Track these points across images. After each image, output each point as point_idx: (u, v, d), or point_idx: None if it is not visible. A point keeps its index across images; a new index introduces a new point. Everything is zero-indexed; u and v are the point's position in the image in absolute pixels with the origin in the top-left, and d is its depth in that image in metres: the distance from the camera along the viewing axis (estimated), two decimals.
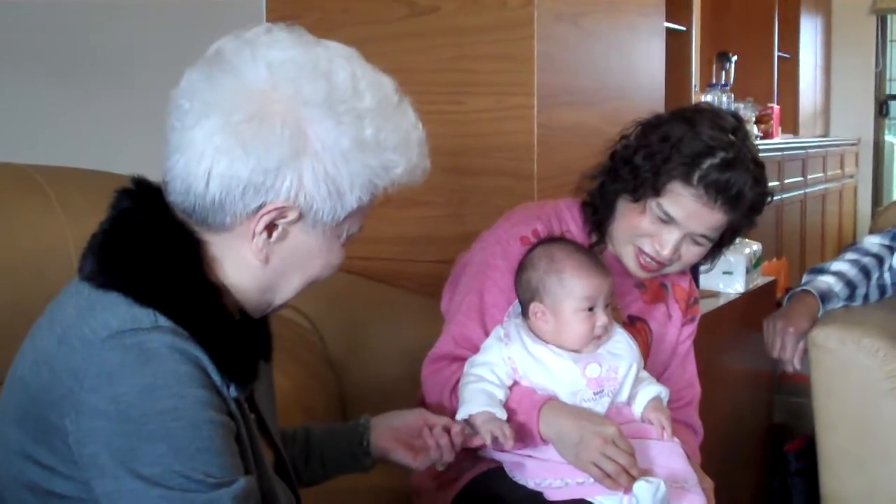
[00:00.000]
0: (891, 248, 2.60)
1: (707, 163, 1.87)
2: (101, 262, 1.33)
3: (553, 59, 2.71)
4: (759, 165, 1.94)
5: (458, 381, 1.86)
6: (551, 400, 1.80)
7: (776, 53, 6.50)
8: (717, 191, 1.86)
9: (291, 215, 1.34)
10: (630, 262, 1.98)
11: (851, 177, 7.67)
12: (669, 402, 1.94)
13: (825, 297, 2.51)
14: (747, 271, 3.06)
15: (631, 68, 3.17)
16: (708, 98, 5.35)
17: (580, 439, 1.74)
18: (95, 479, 1.26)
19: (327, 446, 1.78)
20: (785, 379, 3.48)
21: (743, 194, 1.88)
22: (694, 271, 3.05)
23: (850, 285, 2.54)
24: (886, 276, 2.58)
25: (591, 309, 1.83)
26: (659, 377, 2.05)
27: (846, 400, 2.48)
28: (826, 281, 2.54)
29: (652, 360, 2.05)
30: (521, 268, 1.91)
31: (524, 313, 1.90)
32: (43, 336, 1.33)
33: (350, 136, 1.32)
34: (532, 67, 2.64)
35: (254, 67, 1.31)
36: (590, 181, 2.03)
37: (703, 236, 1.93)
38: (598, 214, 2.01)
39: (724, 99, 5.41)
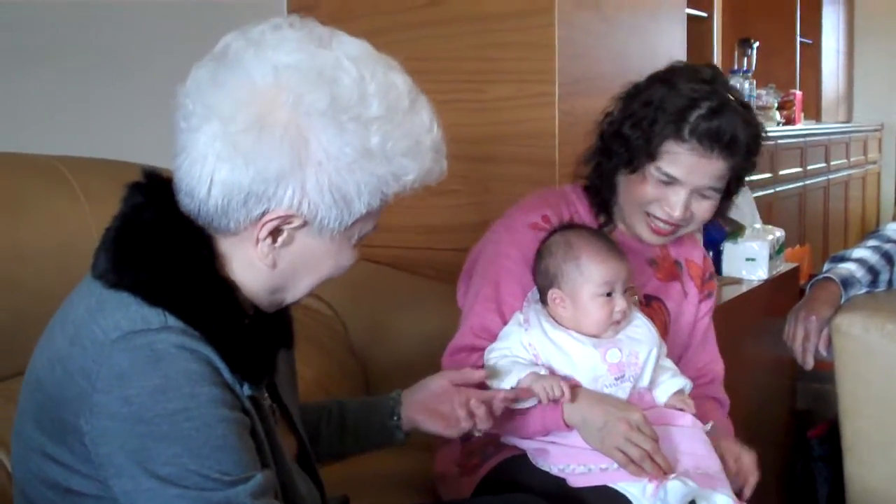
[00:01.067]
0: None
1: (694, 115, 1.87)
2: (112, 261, 1.32)
3: (574, 45, 2.70)
4: (746, 107, 1.94)
5: None
6: (574, 387, 1.81)
7: (798, 39, 6.46)
8: (711, 139, 1.86)
9: (296, 222, 1.32)
10: (643, 231, 1.98)
11: (875, 163, 7.63)
12: (694, 380, 1.95)
13: (847, 283, 2.49)
14: (770, 258, 3.05)
15: (652, 55, 3.15)
16: None
17: (605, 424, 1.74)
18: (112, 478, 1.26)
19: (361, 420, 1.78)
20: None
21: (737, 138, 1.88)
22: (717, 258, 3.05)
23: (873, 271, 2.52)
24: None
25: (609, 294, 1.83)
26: (680, 355, 2.07)
27: (870, 386, 2.47)
28: (848, 268, 2.52)
29: (671, 339, 2.06)
30: (539, 255, 1.91)
31: (543, 300, 1.90)
32: (56, 335, 1.33)
33: (354, 145, 1.29)
34: (553, 55, 2.63)
35: (258, 70, 1.28)
36: (585, 166, 2.04)
37: (710, 188, 1.92)
38: (601, 195, 2.02)
39: (746, 85, 5.38)
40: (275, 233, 1.33)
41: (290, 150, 1.27)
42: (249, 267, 1.36)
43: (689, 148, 1.87)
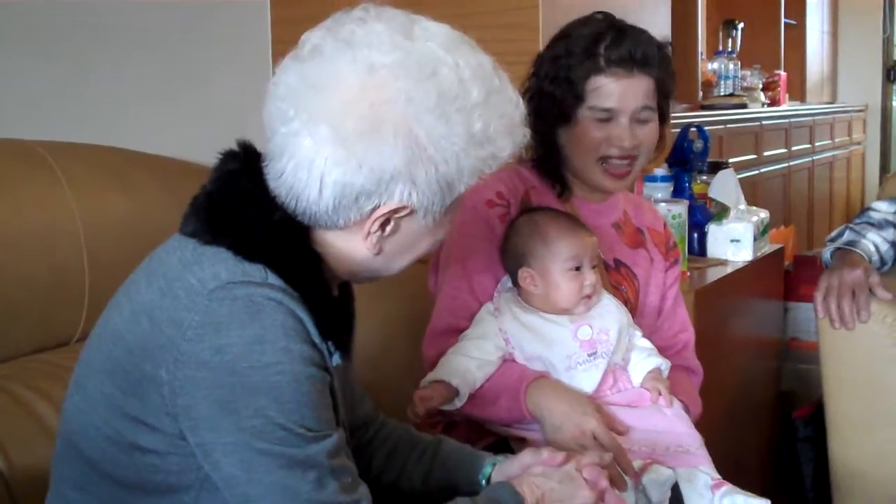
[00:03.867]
0: None
1: (602, 47, 1.93)
2: (207, 220, 1.34)
3: (559, 27, 2.69)
4: (642, 31, 2.00)
5: None
6: (540, 378, 1.82)
7: (783, 20, 6.45)
8: (627, 60, 1.92)
9: (404, 212, 1.35)
10: (603, 179, 1.99)
11: (859, 143, 7.63)
12: (667, 348, 1.99)
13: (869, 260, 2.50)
14: (755, 239, 3.05)
15: None
16: (715, 65, 5.33)
17: (560, 425, 1.76)
18: (190, 429, 1.27)
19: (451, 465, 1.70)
20: (793, 346, 3.49)
21: (648, 52, 1.94)
22: (701, 240, 3.05)
23: (882, 261, 2.53)
24: None
25: (577, 268, 1.85)
26: (653, 323, 2.09)
27: (854, 366, 2.49)
28: (867, 247, 2.51)
29: (642, 305, 2.08)
30: (507, 237, 1.94)
31: (514, 282, 1.92)
32: (140, 288, 1.35)
33: (461, 134, 1.32)
34: (538, 36, 2.63)
35: (357, 72, 1.29)
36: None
37: (645, 108, 1.96)
38: (548, 162, 2.03)
39: (731, 66, 5.38)
40: (383, 224, 1.36)
41: (403, 150, 1.29)
42: (351, 254, 1.39)
43: (611, 75, 1.92)
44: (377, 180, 1.30)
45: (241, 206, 1.35)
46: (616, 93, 1.93)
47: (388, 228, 1.36)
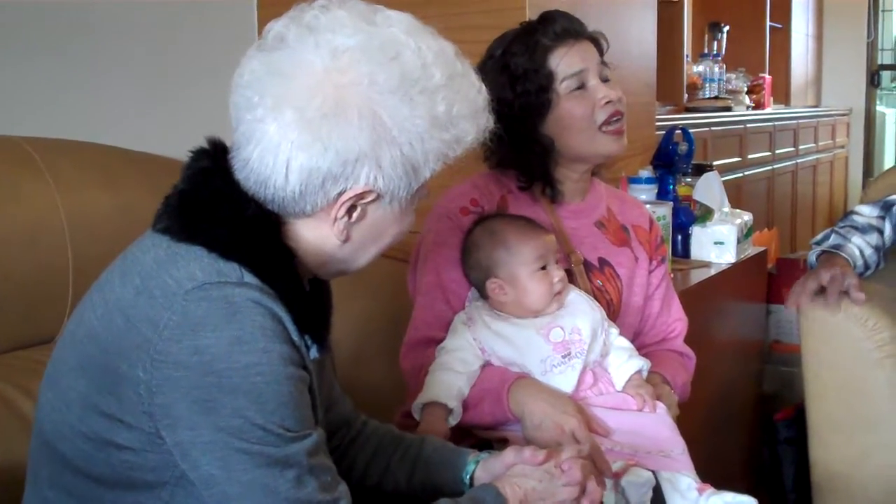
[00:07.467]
0: (882, 219, 2.60)
1: (538, 33, 1.99)
2: (181, 219, 1.34)
3: None
4: (557, 9, 2.07)
5: None
6: (521, 378, 1.83)
7: (768, 23, 6.48)
8: (567, 31, 1.99)
9: (370, 197, 1.36)
10: (607, 144, 2.00)
11: (843, 147, 7.67)
12: (662, 342, 2.03)
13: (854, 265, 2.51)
14: (738, 241, 3.07)
15: (623, 38, 3.15)
16: (700, 68, 5.34)
17: (540, 423, 1.77)
18: (167, 428, 1.27)
19: (433, 474, 1.69)
20: (775, 348, 3.50)
21: (578, 24, 2.02)
22: (685, 242, 3.06)
23: (866, 266, 2.54)
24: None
25: (544, 268, 1.86)
26: (636, 323, 2.10)
27: (836, 369, 2.50)
28: (853, 251, 2.52)
29: (626, 305, 2.08)
30: (467, 251, 1.94)
31: (481, 294, 1.92)
32: (114, 287, 1.34)
33: (424, 116, 1.33)
34: None
35: (320, 56, 1.31)
36: (493, 159, 2.06)
37: (601, 64, 2.01)
38: (538, 163, 2.02)
39: (716, 69, 5.40)
40: (350, 210, 1.37)
41: (368, 132, 1.31)
42: (321, 243, 1.40)
43: (564, 46, 1.98)
44: (342, 163, 1.31)
45: (213, 204, 1.35)
46: (577, 56, 1.98)
47: (355, 214, 1.37)
